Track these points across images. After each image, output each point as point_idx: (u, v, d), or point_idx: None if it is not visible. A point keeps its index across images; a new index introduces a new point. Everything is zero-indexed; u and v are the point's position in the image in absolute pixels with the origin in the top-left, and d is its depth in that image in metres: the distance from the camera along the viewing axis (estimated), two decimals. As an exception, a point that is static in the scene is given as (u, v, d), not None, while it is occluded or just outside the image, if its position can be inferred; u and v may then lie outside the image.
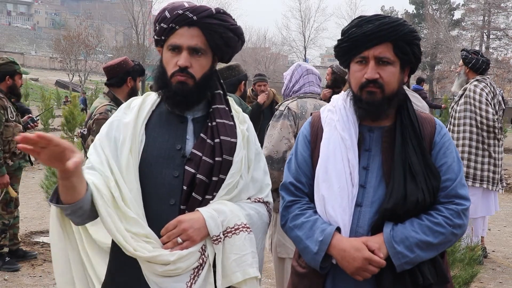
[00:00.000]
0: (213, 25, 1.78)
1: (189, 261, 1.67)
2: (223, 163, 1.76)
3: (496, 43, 34.42)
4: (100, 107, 3.71)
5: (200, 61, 1.79)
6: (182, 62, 1.76)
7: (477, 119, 5.21)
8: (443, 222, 1.79)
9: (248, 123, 1.92)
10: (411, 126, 1.87)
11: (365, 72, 1.84)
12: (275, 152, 3.26)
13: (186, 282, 1.67)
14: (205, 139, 1.78)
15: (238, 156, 1.79)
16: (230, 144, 1.79)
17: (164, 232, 1.70)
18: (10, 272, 4.87)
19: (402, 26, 1.84)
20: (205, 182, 1.74)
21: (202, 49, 1.79)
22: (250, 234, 1.74)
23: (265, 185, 1.90)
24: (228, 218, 1.71)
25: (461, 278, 3.24)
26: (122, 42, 52.15)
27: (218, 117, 1.82)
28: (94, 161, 1.76)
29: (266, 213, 1.87)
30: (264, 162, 1.94)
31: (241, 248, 1.71)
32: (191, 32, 1.77)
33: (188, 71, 1.77)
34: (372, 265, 1.75)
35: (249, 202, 1.83)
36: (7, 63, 4.99)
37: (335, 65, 5.67)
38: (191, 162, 1.75)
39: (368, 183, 1.86)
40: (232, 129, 1.82)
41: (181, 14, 1.76)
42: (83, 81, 33.13)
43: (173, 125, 1.83)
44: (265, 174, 1.92)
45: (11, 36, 63.61)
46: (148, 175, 1.76)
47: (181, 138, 1.81)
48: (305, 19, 48.39)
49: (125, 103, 1.91)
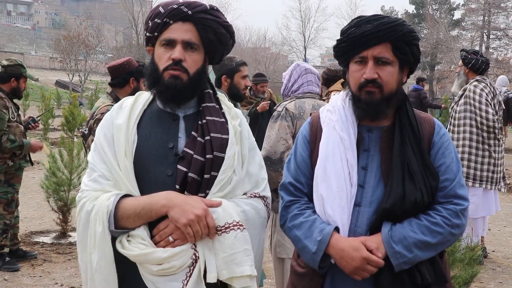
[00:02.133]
0: (207, 20, 1.80)
1: (182, 258, 1.68)
2: (214, 160, 1.76)
3: (496, 43, 34.43)
4: (102, 107, 3.71)
5: (194, 56, 1.80)
6: (177, 54, 1.77)
7: (477, 119, 5.21)
8: (441, 222, 1.79)
9: (241, 118, 1.92)
10: (410, 126, 1.88)
11: (364, 72, 1.85)
12: (273, 153, 3.27)
13: (182, 281, 1.68)
14: (196, 137, 1.78)
15: (230, 151, 1.79)
16: (221, 140, 1.79)
17: (156, 232, 1.71)
18: (10, 272, 4.87)
19: (401, 26, 1.84)
20: (197, 180, 1.75)
21: (195, 44, 1.80)
22: (243, 232, 1.73)
23: (261, 179, 1.89)
24: (219, 217, 1.71)
25: (461, 278, 3.24)
26: (122, 42, 52.12)
27: (208, 115, 1.82)
28: (103, 169, 1.77)
29: (263, 208, 1.86)
30: (260, 156, 1.94)
31: (231, 247, 1.70)
32: (185, 27, 1.79)
33: (182, 65, 1.78)
34: (370, 265, 1.75)
35: (245, 197, 1.82)
36: (15, 65, 5.07)
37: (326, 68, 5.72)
38: (183, 160, 1.76)
39: (367, 183, 1.87)
40: (223, 125, 1.82)
41: (176, 8, 1.79)
42: (83, 81, 33.11)
43: (165, 123, 1.84)
44: (260, 168, 1.91)
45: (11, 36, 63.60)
46: (142, 174, 1.77)
47: (173, 136, 1.81)
48: (305, 19, 48.43)
49: (117, 104, 1.92)
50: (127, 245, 1.69)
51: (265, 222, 1.90)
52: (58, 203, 5.86)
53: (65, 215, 6.02)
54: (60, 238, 5.99)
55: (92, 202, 1.72)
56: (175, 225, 1.68)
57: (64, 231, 6.08)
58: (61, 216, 6.00)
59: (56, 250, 5.56)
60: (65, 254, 5.45)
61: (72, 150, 6.08)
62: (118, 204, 1.70)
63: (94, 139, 1.86)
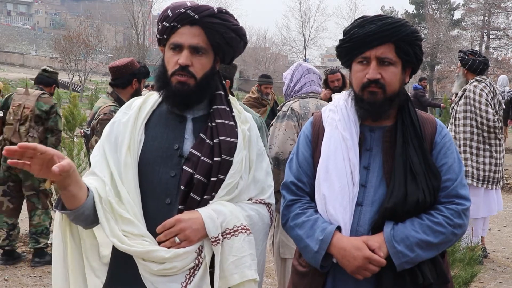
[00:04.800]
0: (214, 24, 1.78)
1: (185, 260, 1.67)
2: (222, 163, 1.75)
3: (496, 43, 34.43)
4: (104, 107, 3.71)
5: (201, 61, 1.79)
6: (183, 60, 1.76)
7: (477, 119, 5.21)
8: (443, 222, 1.79)
9: (250, 123, 1.91)
10: (412, 126, 1.88)
11: (367, 72, 1.85)
12: (281, 153, 3.26)
13: (181, 282, 1.67)
14: (204, 139, 1.78)
15: (239, 156, 1.78)
16: (230, 144, 1.78)
17: (160, 230, 1.70)
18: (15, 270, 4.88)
19: (404, 27, 1.85)
20: (203, 182, 1.74)
21: (203, 48, 1.79)
22: (249, 236, 1.73)
23: (267, 186, 1.88)
24: (227, 219, 1.70)
25: (461, 278, 3.24)
26: (122, 42, 52.11)
27: (218, 118, 1.81)
28: (95, 164, 1.78)
29: (267, 215, 1.86)
30: (267, 163, 1.93)
31: (240, 250, 1.69)
32: (192, 31, 1.78)
33: (189, 70, 1.77)
34: (372, 264, 1.75)
35: (250, 203, 1.82)
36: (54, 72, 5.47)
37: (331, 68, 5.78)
38: (189, 162, 1.75)
39: (369, 183, 1.87)
40: (232, 129, 1.81)
41: (183, 12, 1.77)
42: (83, 81, 33.08)
43: (172, 125, 1.83)
44: (267, 175, 1.90)
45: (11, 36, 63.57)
46: (146, 174, 1.77)
47: (179, 138, 1.81)
48: (305, 19, 48.45)
49: (126, 103, 1.92)
50: (127, 241, 1.67)
51: (268, 229, 1.90)
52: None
53: (65, 215, 6.01)
54: (60, 238, 5.97)
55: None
56: (183, 225, 1.67)
57: (64, 231, 6.06)
58: (61, 216, 5.98)
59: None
60: (66, 254, 5.44)
61: (72, 150, 6.08)
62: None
63: (101, 137, 1.86)
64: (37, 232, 5.08)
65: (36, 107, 5.05)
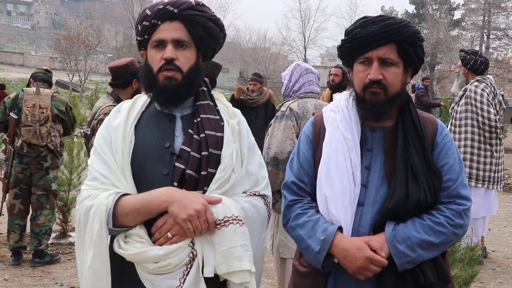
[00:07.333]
0: (194, 16, 1.81)
1: (179, 256, 1.67)
2: (210, 157, 1.76)
3: (496, 43, 34.39)
4: (104, 107, 3.70)
5: (185, 54, 1.81)
6: (169, 54, 1.78)
7: (478, 119, 5.21)
8: (444, 222, 1.79)
9: (239, 118, 1.92)
10: (413, 127, 1.88)
11: (369, 72, 1.85)
12: (280, 153, 3.26)
13: (179, 279, 1.67)
14: (192, 135, 1.79)
15: (228, 150, 1.79)
16: (216, 138, 1.79)
17: (154, 230, 1.71)
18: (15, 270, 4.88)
19: (406, 27, 1.85)
20: (194, 177, 1.75)
21: (186, 41, 1.81)
22: (242, 227, 1.72)
23: (261, 178, 1.89)
24: (218, 211, 1.71)
25: (461, 278, 3.24)
26: (122, 42, 52.13)
27: (203, 113, 1.83)
28: (103, 169, 1.78)
29: (263, 206, 1.86)
30: (259, 155, 1.94)
31: (230, 241, 1.69)
32: (173, 26, 1.81)
33: (175, 64, 1.79)
34: (374, 265, 1.75)
35: (244, 195, 1.82)
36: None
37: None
38: (180, 158, 1.76)
39: (370, 183, 1.87)
40: (217, 123, 1.83)
41: (162, 8, 1.80)
42: (83, 81, 33.10)
43: (162, 124, 1.85)
44: (260, 167, 1.91)
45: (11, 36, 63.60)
46: (139, 174, 1.78)
47: (169, 136, 1.82)
48: (305, 19, 48.37)
49: (115, 107, 1.93)
50: (123, 245, 1.69)
51: (265, 221, 1.89)
52: (58, 203, 5.86)
53: (65, 215, 6.03)
54: (60, 238, 5.99)
55: (92, 201, 1.73)
56: (174, 221, 1.68)
57: (64, 231, 6.09)
58: (61, 216, 6.00)
59: (56, 250, 5.56)
60: (65, 254, 5.45)
61: (72, 150, 6.08)
62: (117, 202, 1.70)
63: (94, 142, 1.87)
64: (41, 232, 5.09)
65: (54, 106, 5.09)
